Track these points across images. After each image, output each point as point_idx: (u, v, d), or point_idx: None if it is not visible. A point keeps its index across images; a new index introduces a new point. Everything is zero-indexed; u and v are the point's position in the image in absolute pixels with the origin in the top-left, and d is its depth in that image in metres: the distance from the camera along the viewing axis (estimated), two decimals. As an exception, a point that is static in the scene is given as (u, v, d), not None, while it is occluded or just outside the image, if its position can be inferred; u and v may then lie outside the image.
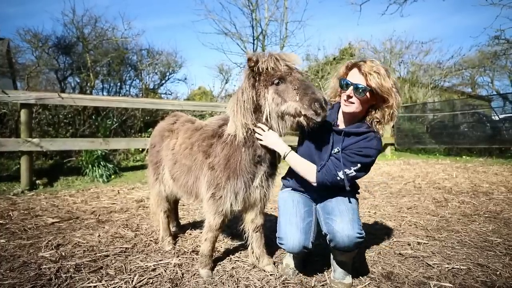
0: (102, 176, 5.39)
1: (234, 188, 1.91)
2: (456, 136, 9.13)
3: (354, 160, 1.77)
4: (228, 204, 1.94)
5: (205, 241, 2.07)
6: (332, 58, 13.16)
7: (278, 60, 1.76)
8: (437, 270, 2.03)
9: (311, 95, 1.67)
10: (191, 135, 2.20)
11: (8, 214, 3.38)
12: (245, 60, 1.90)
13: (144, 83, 9.80)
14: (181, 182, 2.23)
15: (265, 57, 1.79)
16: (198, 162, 2.08)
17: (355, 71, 1.76)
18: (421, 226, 2.97)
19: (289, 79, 1.75)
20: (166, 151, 2.37)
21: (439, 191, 4.48)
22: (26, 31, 8.72)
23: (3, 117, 5.91)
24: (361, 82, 1.72)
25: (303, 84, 1.72)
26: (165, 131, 2.47)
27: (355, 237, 1.72)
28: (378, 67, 1.70)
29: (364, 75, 1.70)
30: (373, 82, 1.68)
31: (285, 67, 1.76)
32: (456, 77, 15.67)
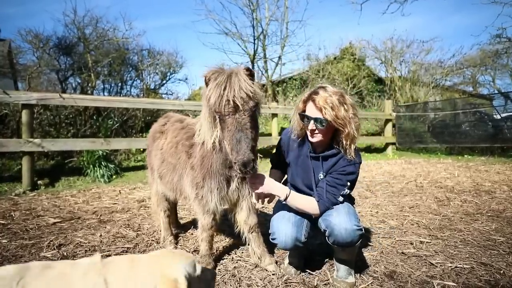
0: (104, 176, 5.39)
1: (210, 188, 1.93)
2: (458, 135, 9.10)
3: (343, 182, 1.84)
4: (212, 203, 1.95)
5: (202, 241, 2.09)
6: (333, 57, 13.14)
7: (221, 96, 1.58)
8: (440, 269, 2.02)
9: (240, 151, 1.56)
10: (177, 134, 2.26)
11: (10, 215, 3.39)
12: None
13: (145, 83, 9.80)
14: (167, 180, 2.29)
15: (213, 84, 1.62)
16: (181, 161, 2.12)
17: (311, 105, 1.80)
18: (423, 225, 2.95)
19: (228, 121, 1.61)
20: (155, 151, 2.44)
21: (441, 190, 4.46)
22: (27, 31, 8.73)
23: (4, 118, 5.92)
24: (318, 115, 1.76)
25: (238, 133, 1.58)
26: (156, 133, 2.55)
27: (353, 229, 1.73)
28: (331, 98, 1.73)
29: (319, 109, 1.75)
30: (328, 115, 1.72)
31: (227, 106, 1.59)
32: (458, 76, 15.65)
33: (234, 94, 1.58)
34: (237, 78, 1.62)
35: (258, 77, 13.42)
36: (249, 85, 1.62)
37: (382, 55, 13.72)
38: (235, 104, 1.59)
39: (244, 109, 1.62)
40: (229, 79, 1.61)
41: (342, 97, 1.77)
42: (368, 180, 5.45)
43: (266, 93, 11.37)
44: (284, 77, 13.64)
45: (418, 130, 9.79)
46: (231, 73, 1.64)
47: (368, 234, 2.74)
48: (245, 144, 1.57)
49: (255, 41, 13.22)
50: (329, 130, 1.81)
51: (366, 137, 10.14)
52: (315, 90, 1.83)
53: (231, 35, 13.29)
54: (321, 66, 12.50)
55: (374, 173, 6.20)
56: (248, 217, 2.10)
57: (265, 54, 13.48)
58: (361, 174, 6.02)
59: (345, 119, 1.73)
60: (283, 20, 13.40)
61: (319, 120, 1.75)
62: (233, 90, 1.59)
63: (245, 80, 1.62)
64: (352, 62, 12.96)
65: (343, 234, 1.73)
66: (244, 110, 1.62)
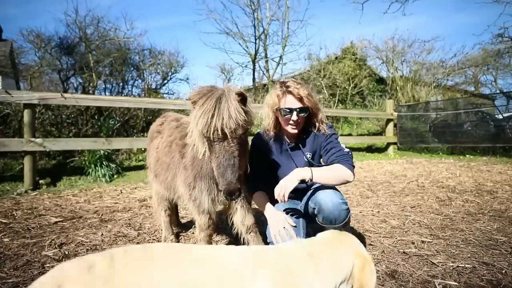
0: (105, 176, 5.40)
1: (201, 189, 1.92)
2: (460, 135, 9.07)
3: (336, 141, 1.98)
4: (205, 204, 1.94)
5: (200, 241, 2.08)
6: (334, 57, 13.12)
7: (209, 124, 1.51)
8: (442, 268, 2.02)
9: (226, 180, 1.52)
10: (172, 133, 2.27)
11: (11, 214, 3.40)
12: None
13: (146, 83, 9.82)
14: (162, 178, 2.29)
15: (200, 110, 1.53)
16: (175, 161, 2.13)
17: (290, 98, 1.91)
18: (425, 225, 2.95)
19: (216, 147, 1.57)
20: (152, 151, 2.45)
21: (443, 190, 4.45)
22: (29, 31, 8.79)
23: (6, 118, 5.94)
24: (300, 105, 1.89)
25: (226, 161, 1.54)
26: (154, 132, 2.56)
27: (339, 202, 1.80)
28: (305, 89, 1.89)
29: (300, 98, 1.87)
30: (308, 103, 1.89)
31: (215, 133, 1.53)
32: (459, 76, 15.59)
33: (222, 123, 1.50)
34: (226, 104, 1.51)
35: (259, 77, 13.44)
36: (240, 113, 1.52)
37: (383, 55, 13.70)
38: (223, 132, 1.52)
39: (233, 137, 1.55)
40: (218, 104, 1.51)
41: (312, 89, 1.97)
42: (370, 179, 5.45)
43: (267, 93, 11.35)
44: (285, 77, 13.63)
45: (419, 130, 9.76)
46: (221, 97, 1.54)
47: (369, 234, 2.73)
48: (232, 173, 1.53)
49: (256, 40, 13.24)
50: (307, 117, 1.96)
51: (367, 136, 10.13)
52: (284, 84, 1.94)
53: (232, 34, 13.32)
54: (322, 65, 12.49)
55: (375, 172, 6.19)
56: (245, 217, 2.06)
57: (266, 53, 13.50)
58: (362, 174, 6.02)
59: (317, 104, 1.92)
60: (284, 20, 13.41)
61: (303, 110, 1.88)
62: (221, 118, 1.50)
63: (236, 108, 1.52)
64: (354, 62, 12.94)
65: (329, 206, 1.79)
66: (233, 138, 1.56)
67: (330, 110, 9.21)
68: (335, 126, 10.51)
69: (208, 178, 1.89)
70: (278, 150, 2.06)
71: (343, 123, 11.30)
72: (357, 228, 2.89)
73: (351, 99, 12.35)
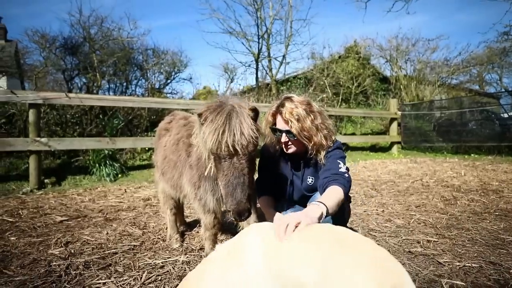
0: (109, 175, 5.43)
1: (206, 189, 1.91)
2: (464, 134, 9.01)
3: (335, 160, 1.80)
4: (210, 203, 1.93)
5: (206, 240, 2.09)
6: (338, 56, 13.07)
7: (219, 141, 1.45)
8: (448, 268, 2.00)
9: (235, 199, 1.46)
10: (179, 131, 2.27)
11: (17, 213, 3.42)
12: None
13: (150, 83, 9.84)
14: (169, 176, 2.29)
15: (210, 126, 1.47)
16: (182, 159, 2.11)
17: (279, 118, 1.81)
18: (430, 224, 2.93)
19: (225, 165, 1.50)
20: (160, 149, 2.46)
21: (448, 189, 4.42)
22: (34, 31, 8.83)
23: (12, 117, 5.99)
24: (287, 127, 1.77)
25: (235, 179, 1.47)
26: (162, 130, 2.57)
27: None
28: (297, 110, 1.73)
29: (286, 121, 1.76)
30: (293, 128, 1.73)
31: (226, 150, 1.47)
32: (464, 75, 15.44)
33: (234, 139, 1.44)
34: (238, 120, 1.46)
35: (262, 76, 13.42)
36: (252, 131, 1.46)
37: (387, 54, 13.63)
38: (234, 149, 1.46)
39: (243, 153, 1.49)
40: (228, 120, 1.45)
41: (309, 106, 1.78)
42: (373, 179, 5.42)
43: (270, 92, 11.34)
44: (288, 76, 13.62)
45: (423, 129, 9.71)
46: (231, 112, 1.48)
47: (374, 233, 2.72)
48: (241, 192, 1.46)
49: (259, 40, 13.22)
50: (301, 140, 1.80)
51: (371, 136, 10.09)
52: (281, 102, 1.82)
53: (235, 34, 13.31)
54: (326, 65, 12.44)
55: (379, 172, 6.16)
56: (250, 218, 2.08)
57: (269, 53, 13.47)
58: (366, 173, 5.99)
59: (310, 130, 1.73)
60: (287, 19, 13.38)
61: (290, 132, 1.76)
62: (232, 134, 1.44)
63: (248, 124, 1.47)
64: (357, 61, 12.88)
65: None
66: (243, 154, 1.49)
67: (333, 109, 9.18)
68: (339, 125, 10.47)
69: (213, 179, 1.88)
70: (282, 164, 2.03)
71: (347, 122, 11.27)
72: (362, 227, 2.87)
73: (354, 98, 12.30)
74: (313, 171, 1.93)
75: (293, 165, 1.98)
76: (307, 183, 1.95)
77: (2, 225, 2.99)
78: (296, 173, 1.98)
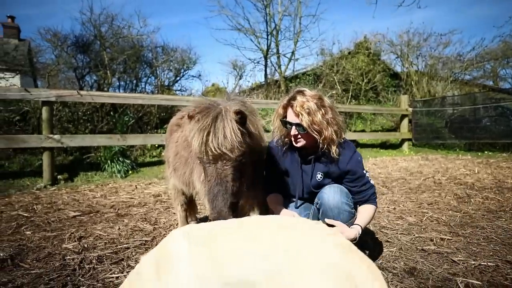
0: (120, 172, 5.50)
1: None
2: (478, 131, 8.81)
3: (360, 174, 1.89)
4: None
5: None
6: (347, 52, 12.91)
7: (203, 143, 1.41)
8: (463, 266, 1.97)
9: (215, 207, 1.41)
10: None
11: (32, 208, 3.50)
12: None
13: (159, 80, 9.91)
14: (180, 173, 2.27)
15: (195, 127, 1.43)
16: (193, 155, 2.09)
17: (290, 111, 1.80)
18: (443, 222, 2.88)
19: (209, 170, 1.46)
20: (172, 144, 2.46)
21: (461, 187, 4.34)
22: (46, 30, 8.96)
23: (25, 115, 6.11)
24: (297, 121, 1.76)
25: (216, 186, 1.42)
26: (173, 126, 2.56)
27: (342, 201, 1.78)
28: (308, 104, 1.73)
29: (297, 114, 1.75)
30: (304, 121, 1.72)
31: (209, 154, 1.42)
32: (477, 70, 15.08)
33: (218, 143, 1.39)
34: (222, 123, 1.41)
35: (271, 73, 13.37)
36: (236, 135, 1.40)
37: (398, 49, 13.38)
38: (217, 153, 1.41)
39: (227, 159, 1.42)
40: (213, 123, 1.41)
41: (320, 100, 1.77)
42: (384, 176, 5.36)
43: (279, 88, 11.29)
44: (297, 73, 13.53)
45: (435, 125, 9.53)
46: (218, 115, 1.43)
47: (385, 230, 2.69)
48: (222, 201, 1.39)
49: (268, 36, 13.16)
50: (310, 134, 1.79)
51: (381, 133, 9.96)
52: (293, 95, 1.82)
53: (244, 31, 13.28)
54: (335, 61, 12.30)
55: (389, 169, 6.09)
56: (261, 214, 2.08)
57: (278, 49, 13.41)
58: (377, 170, 5.92)
59: (321, 124, 1.73)
60: (296, 15, 13.29)
61: (300, 125, 1.75)
62: (216, 138, 1.39)
63: (232, 128, 1.40)
64: (367, 57, 12.70)
65: (330, 203, 1.77)
66: (227, 160, 1.43)
67: (343, 106, 9.09)
68: (348, 122, 10.36)
69: None
70: (289, 159, 2.00)
71: (357, 119, 11.14)
72: (373, 225, 2.84)
73: (364, 95, 12.15)
74: (323, 167, 1.91)
75: (302, 160, 1.96)
76: (316, 179, 1.93)
77: (18, 219, 3.06)
78: (305, 169, 1.96)
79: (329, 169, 1.90)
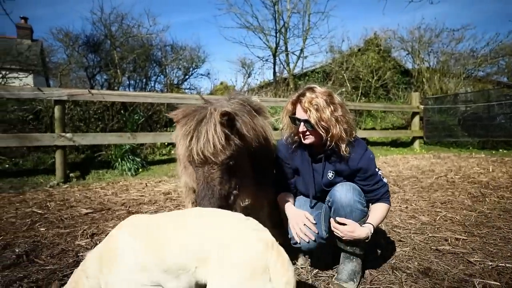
0: (131, 170, 5.55)
1: None
2: (492, 129, 8.60)
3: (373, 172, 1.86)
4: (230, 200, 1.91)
5: None
6: (357, 49, 12.75)
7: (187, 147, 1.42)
8: (480, 267, 1.92)
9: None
10: None
11: (46, 205, 3.56)
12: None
13: (168, 79, 9.97)
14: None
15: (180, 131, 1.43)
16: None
17: (299, 107, 1.79)
18: (457, 222, 2.82)
19: (197, 173, 1.46)
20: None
21: (475, 186, 4.25)
22: (58, 30, 9.11)
23: (38, 113, 6.22)
24: (306, 117, 1.74)
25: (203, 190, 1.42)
26: None
27: (354, 199, 1.73)
28: (317, 100, 1.71)
29: (305, 110, 1.74)
30: (312, 118, 1.70)
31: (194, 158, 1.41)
32: (491, 66, 14.71)
33: (200, 147, 1.37)
34: (206, 127, 1.39)
35: (279, 70, 13.31)
36: (219, 138, 1.37)
37: (408, 46, 13.15)
38: (201, 158, 1.40)
39: (213, 162, 1.40)
40: (197, 127, 1.40)
41: (330, 97, 1.74)
42: (395, 175, 5.28)
43: (288, 86, 11.24)
44: (306, 70, 13.44)
45: (447, 123, 9.34)
46: (202, 120, 1.41)
47: (398, 230, 2.65)
48: (209, 204, 1.38)
49: (277, 34, 13.10)
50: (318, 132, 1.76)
51: (391, 130, 9.82)
52: (302, 92, 1.80)
53: (253, 28, 13.25)
54: (345, 58, 12.17)
55: (400, 167, 6.00)
56: (270, 215, 2.05)
57: (286, 47, 13.34)
58: (387, 169, 5.84)
59: (329, 121, 1.69)
60: (305, 12, 13.18)
61: (308, 122, 1.73)
62: (199, 142, 1.38)
63: (215, 131, 1.37)
64: (377, 54, 12.52)
65: (342, 201, 1.74)
66: (213, 163, 1.41)
67: (353, 103, 8.99)
68: (358, 120, 10.25)
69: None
70: (300, 158, 1.96)
71: (366, 116, 11.01)
72: (385, 224, 2.80)
73: (374, 92, 11.99)
74: (334, 165, 1.88)
75: (313, 159, 1.92)
76: (327, 178, 1.90)
77: (32, 216, 3.12)
78: (315, 168, 1.92)
79: (340, 168, 1.86)
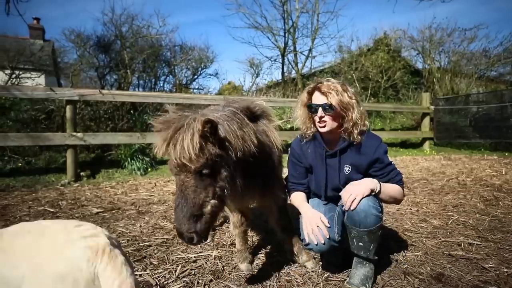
0: (140, 169, 5.60)
1: None
2: (505, 130, 8.42)
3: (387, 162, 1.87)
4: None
5: (235, 237, 2.12)
6: (367, 49, 12.63)
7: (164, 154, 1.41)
8: (495, 274, 1.88)
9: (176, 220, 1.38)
10: None
11: (57, 204, 3.62)
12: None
13: (177, 79, 10.04)
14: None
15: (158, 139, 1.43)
16: None
17: (317, 94, 1.85)
18: (470, 226, 2.77)
19: (177, 180, 1.43)
20: None
21: (487, 189, 4.16)
22: (70, 31, 9.27)
23: (50, 113, 6.32)
24: (324, 101, 1.80)
25: (177, 198, 1.39)
26: None
27: (368, 204, 1.70)
28: (335, 85, 1.81)
29: (325, 94, 1.79)
30: (333, 99, 1.77)
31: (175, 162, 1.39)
32: (504, 66, 14.41)
33: (176, 154, 1.36)
34: (183, 135, 1.36)
35: (288, 70, 13.28)
36: (193, 147, 1.32)
37: (419, 45, 12.96)
38: (177, 164, 1.39)
39: (188, 170, 1.38)
40: (174, 134, 1.38)
41: (344, 86, 1.84)
42: (405, 176, 5.21)
43: (296, 86, 11.20)
44: (314, 70, 13.39)
45: (458, 124, 9.18)
46: (181, 128, 1.39)
47: (409, 233, 2.61)
48: (182, 215, 1.35)
49: (285, 34, 13.07)
50: (337, 116, 1.81)
51: (401, 131, 9.71)
52: (318, 82, 1.88)
53: (261, 28, 13.24)
54: (354, 58, 12.07)
55: (410, 169, 5.92)
56: (280, 217, 2.04)
57: (295, 47, 13.31)
58: (397, 171, 5.77)
59: (348, 104, 1.78)
60: (314, 12, 13.13)
61: (327, 106, 1.78)
62: (175, 149, 1.36)
63: (191, 139, 1.33)
64: (387, 54, 12.37)
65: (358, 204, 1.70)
66: (188, 172, 1.38)
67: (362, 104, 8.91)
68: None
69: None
70: (313, 153, 1.95)
71: (376, 117, 10.90)
72: (396, 227, 2.77)
73: (384, 93, 11.86)
74: (351, 158, 1.85)
75: (328, 153, 1.89)
76: (344, 172, 1.86)
77: (45, 215, 3.17)
78: (330, 163, 1.89)
79: (357, 160, 1.84)
